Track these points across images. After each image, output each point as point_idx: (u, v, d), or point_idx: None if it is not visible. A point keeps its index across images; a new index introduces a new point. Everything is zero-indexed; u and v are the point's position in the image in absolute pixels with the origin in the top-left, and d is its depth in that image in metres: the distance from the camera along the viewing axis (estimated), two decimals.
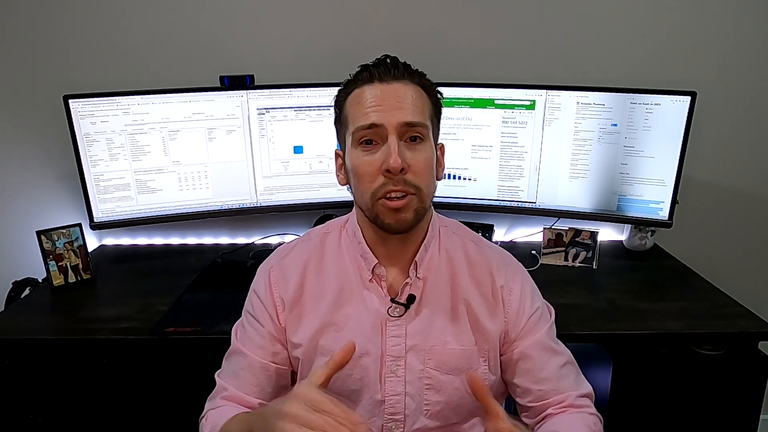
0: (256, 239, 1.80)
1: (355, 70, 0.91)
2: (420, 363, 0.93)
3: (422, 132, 0.86)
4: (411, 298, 0.93)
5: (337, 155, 0.95)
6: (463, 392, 0.93)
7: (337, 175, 0.96)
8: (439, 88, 0.94)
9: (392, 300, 0.93)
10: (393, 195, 0.85)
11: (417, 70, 0.90)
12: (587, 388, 0.95)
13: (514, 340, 0.95)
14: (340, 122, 0.92)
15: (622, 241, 1.76)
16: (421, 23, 1.67)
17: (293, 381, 0.99)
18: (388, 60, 0.88)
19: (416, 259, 0.93)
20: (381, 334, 0.93)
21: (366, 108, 0.85)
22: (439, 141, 0.95)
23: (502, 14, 1.66)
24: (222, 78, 1.59)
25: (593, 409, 0.92)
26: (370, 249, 0.94)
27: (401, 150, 0.84)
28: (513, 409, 1.00)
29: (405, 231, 0.89)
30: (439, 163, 0.94)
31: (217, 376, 0.97)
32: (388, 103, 0.85)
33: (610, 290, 1.45)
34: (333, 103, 0.94)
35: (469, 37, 1.68)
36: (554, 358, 0.93)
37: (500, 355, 0.96)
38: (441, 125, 0.97)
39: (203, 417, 0.94)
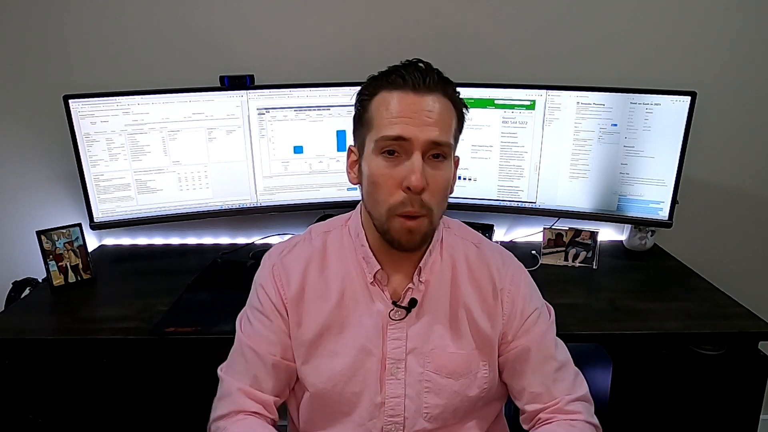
0: (256, 239, 1.80)
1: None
2: (420, 366, 0.92)
3: (446, 151, 0.85)
4: (413, 302, 0.93)
5: (350, 151, 0.93)
6: (462, 395, 0.93)
7: (348, 173, 0.94)
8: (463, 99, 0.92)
9: (394, 303, 0.93)
10: (408, 215, 0.84)
11: (448, 80, 0.87)
12: (583, 390, 0.94)
13: (511, 341, 0.94)
14: (361, 121, 0.89)
15: (622, 241, 1.75)
16: (421, 23, 1.67)
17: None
18: (422, 65, 0.85)
19: (420, 264, 0.93)
20: (382, 337, 0.93)
21: (394, 116, 0.83)
22: (456, 155, 0.93)
23: (501, 14, 1.66)
24: (222, 78, 1.59)
25: (586, 416, 0.91)
26: (374, 253, 0.93)
27: (423, 168, 0.82)
28: (513, 410, 1.00)
29: (412, 250, 0.89)
30: (454, 177, 0.93)
31: (225, 374, 0.95)
32: (418, 117, 0.82)
33: (610, 290, 1.45)
34: (355, 98, 0.90)
35: (470, 37, 1.68)
36: (551, 361, 0.93)
37: (498, 356, 0.96)
38: None
39: (215, 426, 0.91)
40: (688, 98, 1.46)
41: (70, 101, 1.48)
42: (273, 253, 1.00)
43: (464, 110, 0.90)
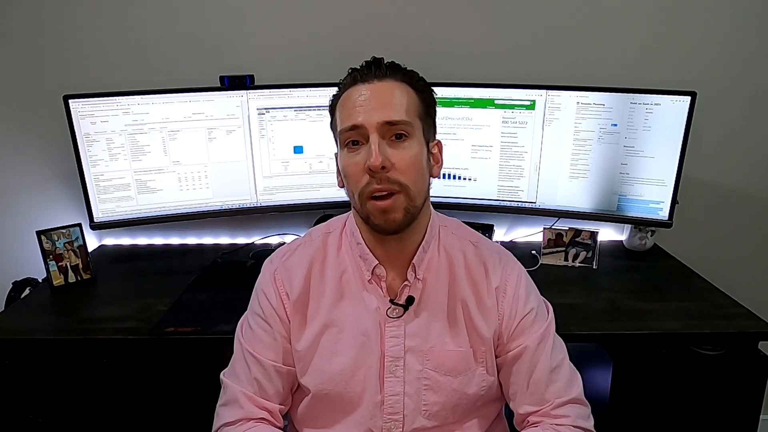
0: (256, 239, 1.80)
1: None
2: (419, 364, 0.92)
3: (406, 130, 0.86)
4: (410, 300, 0.93)
5: (336, 158, 0.96)
6: (461, 393, 0.93)
7: (337, 178, 0.96)
8: (437, 88, 0.94)
9: (391, 301, 0.93)
10: (378, 194, 0.85)
11: (404, 68, 0.90)
12: (575, 393, 0.93)
13: (506, 342, 0.94)
14: (332, 127, 0.94)
15: (622, 241, 1.75)
16: (422, 23, 1.67)
17: None
18: (373, 61, 0.89)
19: (414, 261, 0.93)
20: (380, 335, 0.93)
21: (350, 110, 0.86)
22: (437, 139, 0.95)
23: (502, 14, 1.66)
24: (222, 78, 1.59)
25: (573, 420, 0.90)
26: (370, 250, 0.93)
27: (382, 148, 0.84)
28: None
29: (396, 231, 0.88)
30: (436, 160, 0.94)
31: (228, 380, 0.95)
32: (371, 103, 0.85)
33: (610, 290, 1.45)
34: (328, 109, 0.95)
35: (469, 37, 1.68)
36: (545, 363, 0.92)
37: (496, 357, 0.96)
38: (440, 124, 0.97)
39: (238, 424, 0.92)
40: (688, 98, 1.46)
41: (70, 101, 1.49)
42: (275, 257, 1.00)
43: (429, 91, 0.92)
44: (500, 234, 1.82)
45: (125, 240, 1.84)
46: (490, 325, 0.94)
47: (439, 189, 1.61)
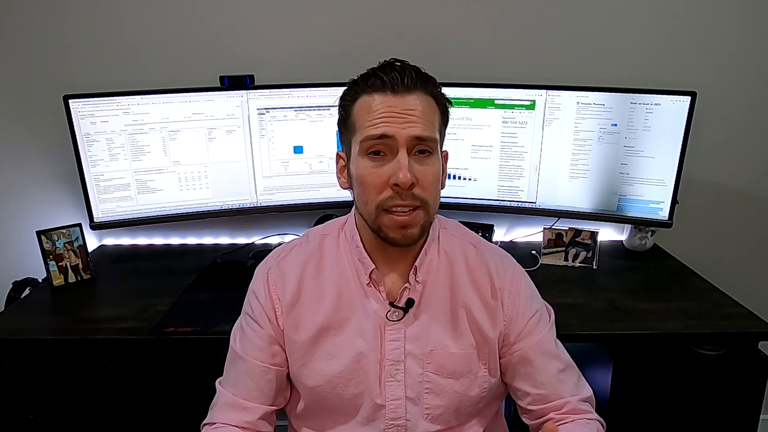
0: (256, 239, 1.80)
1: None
2: (419, 367, 0.92)
3: (431, 146, 0.85)
4: (410, 302, 0.92)
5: (338, 157, 0.94)
6: (463, 396, 0.93)
7: (339, 178, 0.94)
8: (445, 93, 0.93)
9: (391, 304, 0.92)
10: (399, 210, 0.84)
11: (428, 76, 0.88)
12: (588, 392, 0.94)
13: (513, 343, 0.94)
14: (345, 126, 0.90)
15: (622, 241, 1.76)
16: (422, 23, 1.67)
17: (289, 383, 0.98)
18: (398, 65, 0.85)
19: (416, 264, 0.92)
20: (380, 338, 0.92)
21: (376, 117, 0.83)
22: (444, 149, 0.94)
23: (502, 14, 1.66)
24: (222, 78, 1.59)
25: (595, 415, 0.92)
26: (369, 254, 0.93)
27: (411, 164, 0.83)
28: (513, 409, 1.00)
29: (409, 245, 0.88)
30: (443, 172, 0.93)
31: (218, 384, 0.96)
32: (401, 116, 0.83)
33: (610, 290, 1.45)
34: (337, 104, 0.91)
35: (469, 37, 1.68)
36: (554, 362, 0.93)
37: (500, 358, 0.95)
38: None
39: (204, 427, 0.93)
40: (688, 98, 1.46)
41: (70, 101, 1.48)
42: (269, 258, 1.00)
43: (447, 104, 0.91)
44: (500, 234, 1.82)
45: (125, 240, 1.84)
46: (495, 325, 0.94)
47: None
